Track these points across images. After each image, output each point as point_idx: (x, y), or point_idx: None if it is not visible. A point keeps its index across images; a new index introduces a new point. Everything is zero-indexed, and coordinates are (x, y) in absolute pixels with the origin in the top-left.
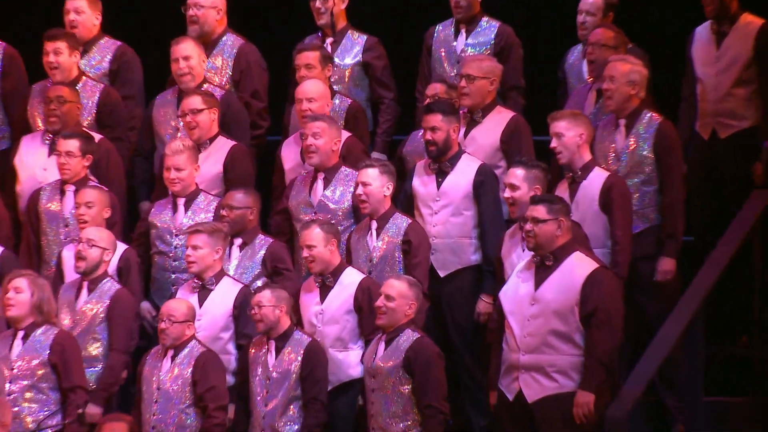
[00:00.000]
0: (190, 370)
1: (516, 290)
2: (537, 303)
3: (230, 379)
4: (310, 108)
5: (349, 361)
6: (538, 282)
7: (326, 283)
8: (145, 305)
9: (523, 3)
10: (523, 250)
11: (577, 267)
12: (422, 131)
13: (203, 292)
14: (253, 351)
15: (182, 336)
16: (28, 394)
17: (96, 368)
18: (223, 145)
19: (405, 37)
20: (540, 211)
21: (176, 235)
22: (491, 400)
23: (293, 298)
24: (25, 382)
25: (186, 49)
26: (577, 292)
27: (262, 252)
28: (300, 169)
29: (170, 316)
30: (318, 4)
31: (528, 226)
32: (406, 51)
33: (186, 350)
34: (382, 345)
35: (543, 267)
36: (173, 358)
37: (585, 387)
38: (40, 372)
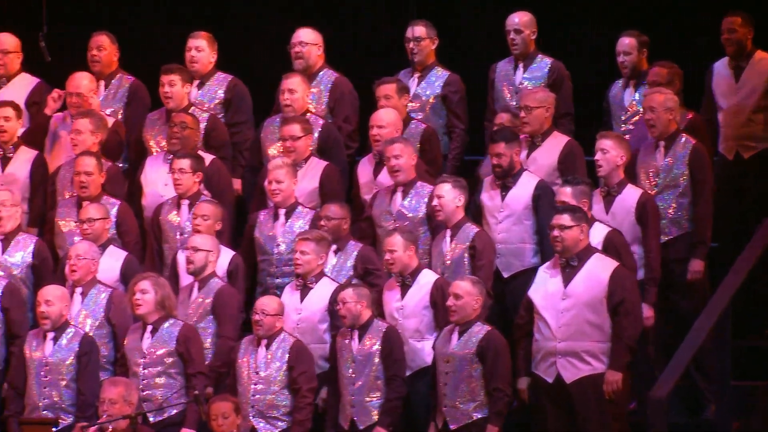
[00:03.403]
0: (285, 357)
1: (545, 288)
2: (568, 298)
3: (325, 365)
4: (379, 133)
5: (426, 349)
6: (566, 280)
7: (406, 282)
8: None
9: (572, 42)
10: None
11: (601, 266)
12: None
13: (304, 290)
14: (339, 340)
15: (273, 327)
16: (158, 379)
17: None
18: (318, 165)
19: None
20: (565, 219)
21: (277, 244)
22: (520, 386)
23: (380, 294)
24: (156, 368)
25: (293, 84)
26: (605, 287)
27: (354, 255)
28: (372, 185)
29: (263, 310)
30: (411, 45)
31: (555, 233)
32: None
33: (278, 340)
34: (456, 335)
35: (569, 267)
36: (267, 347)
37: (614, 367)
38: (168, 360)
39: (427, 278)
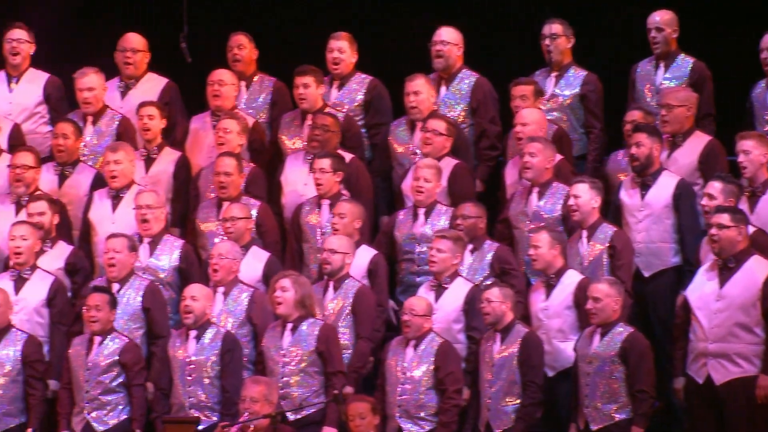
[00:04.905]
0: (432, 358)
1: (702, 289)
2: (722, 299)
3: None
4: (522, 131)
5: (569, 350)
6: (723, 281)
7: (550, 282)
8: (391, 303)
9: (714, 42)
10: None
11: (758, 268)
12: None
13: (439, 289)
14: (483, 343)
15: (421, 328)
16: (297, 377)
17: (344, 355)
18: (448, 164)
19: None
20: (725, 218)
21: (419, 243)
22: (676, 386)
23: (519, 295)
24: (295, 367)
25: (417, 86)
26: (759, 289)
27: (490, 255)
28: (518, 185)
29: (411, 309)
30: (547, 41)
31: (713, 231)
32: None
33: (427, 341)
34: (597, 337)
35: (726, 269)
36: (415, 348)
37: (766, 372)
38: (308, 359)
39: (571, 279)
